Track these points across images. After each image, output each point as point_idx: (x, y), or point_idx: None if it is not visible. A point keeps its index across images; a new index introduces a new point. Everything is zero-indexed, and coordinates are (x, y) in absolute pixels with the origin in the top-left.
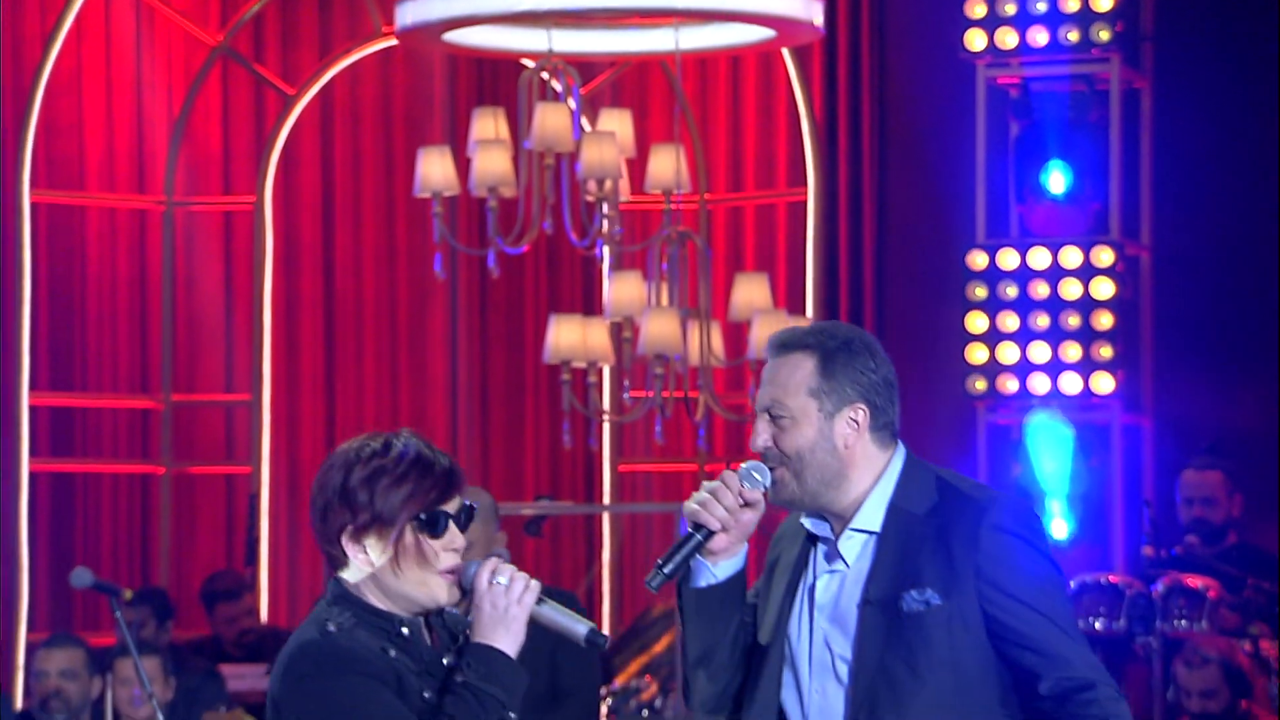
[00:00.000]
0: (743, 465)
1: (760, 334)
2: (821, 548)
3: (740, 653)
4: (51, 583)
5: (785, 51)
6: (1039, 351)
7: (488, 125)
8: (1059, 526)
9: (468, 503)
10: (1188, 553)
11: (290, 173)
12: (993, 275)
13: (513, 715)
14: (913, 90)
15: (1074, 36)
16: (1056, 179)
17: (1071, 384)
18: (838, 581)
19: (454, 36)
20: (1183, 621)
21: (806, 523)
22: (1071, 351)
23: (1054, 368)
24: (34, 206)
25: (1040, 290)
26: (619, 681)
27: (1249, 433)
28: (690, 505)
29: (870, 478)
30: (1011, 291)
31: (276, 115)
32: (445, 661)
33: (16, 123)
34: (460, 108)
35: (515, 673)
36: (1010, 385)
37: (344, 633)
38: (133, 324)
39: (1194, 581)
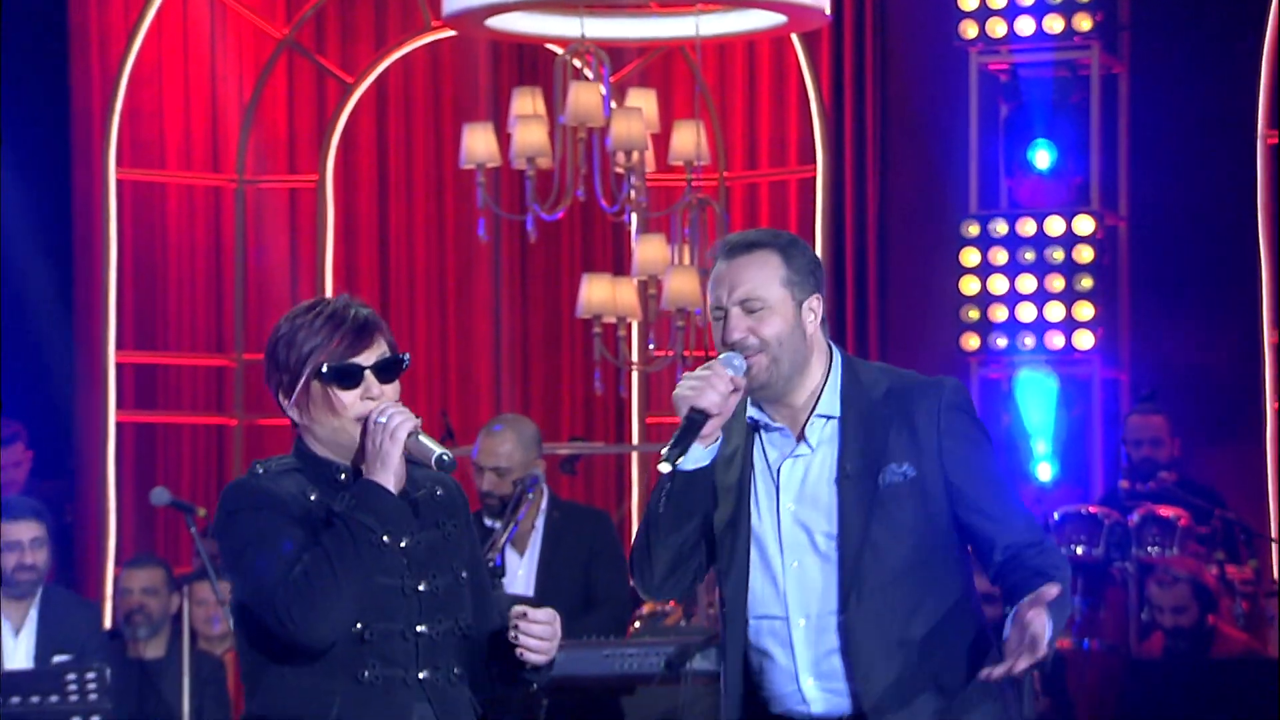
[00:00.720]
0: (721, 356)
1: None
2: (775, 437)
3: (702, 539)
4: (136, 520)
5: (796, 41)
6: (1026, 311)
7: (526, 103)
8: (1044, 469)
9: (392, 355)
10: (1160, 485)
11: (349, 153)
12: (984, 242)
13: (385, 538)
14: (911, 75)
15: (1058, 26)
16: (1042, 156)
17: (1055, 340)
18: (803, 465)
19: (496, 22)
20: (1155, 548)
21: (758, 415)
22: (1055, 311)
23: (1039, 326)
24: (120, 184)
25: (1027, 256)
26: (646, 609)
27: (1219, 382)
28: (684, 391)
29: (823, 366)
30: (1001, 257)
31: (336, 101)
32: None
33: (104, 108)
34: (502, 89)
35: (386, 500)
36: (1000, 342)
37: (269, 475)
38: (208, 289)
39: (1166, 512)
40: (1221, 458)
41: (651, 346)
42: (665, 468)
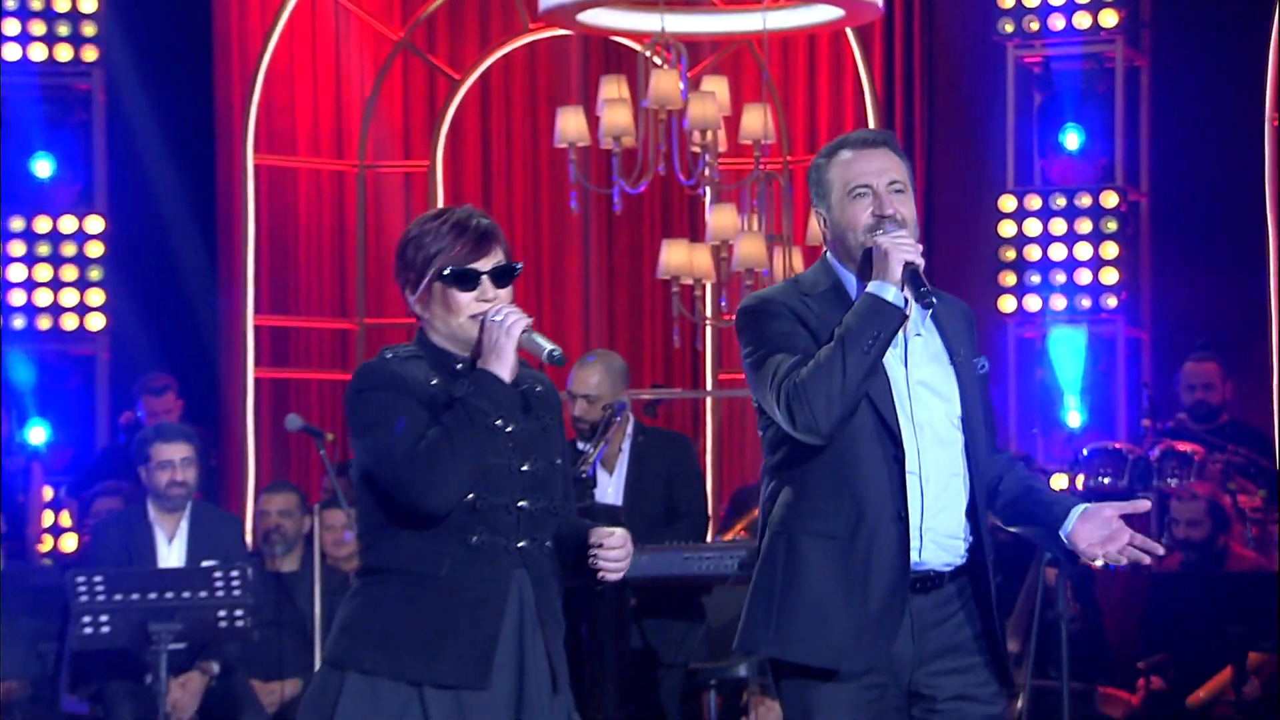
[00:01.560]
0: (881, 230)
1: None
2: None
3: None
4: (272, 460)
5: (851, 37)
6: (1057, 276)
7: (613, 89)
8: (1074, 417)
9: (507, 263)
10: (1179, 425)
11: (456, 141)
12: (1020, 215)
13: (498, 422)
14: (955, 68)
15: (1086, 23)
16: (1071, 138)
17: (1084, 302)
18: (922, 343)
19: (586, 17)
20: (1174, 479)
21: (893, 295)
22: (1083, 276)
23: (1069, 289)
24: (257, 169)
25: (1058, 227)
26: (725, 539)
27: (1229, 340)
28: (897, 246)
29: None
30: (1035, 229)
31: (445, 95)
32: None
33: (243, 102)
34: (591, 79)
35: (501, 388)
36: (1034, 304)
37: (397, 360)
38: (333, 262)
39: (1184, 447)
40: (1231, 404)
41: (724, 304)
42: (888, 293)
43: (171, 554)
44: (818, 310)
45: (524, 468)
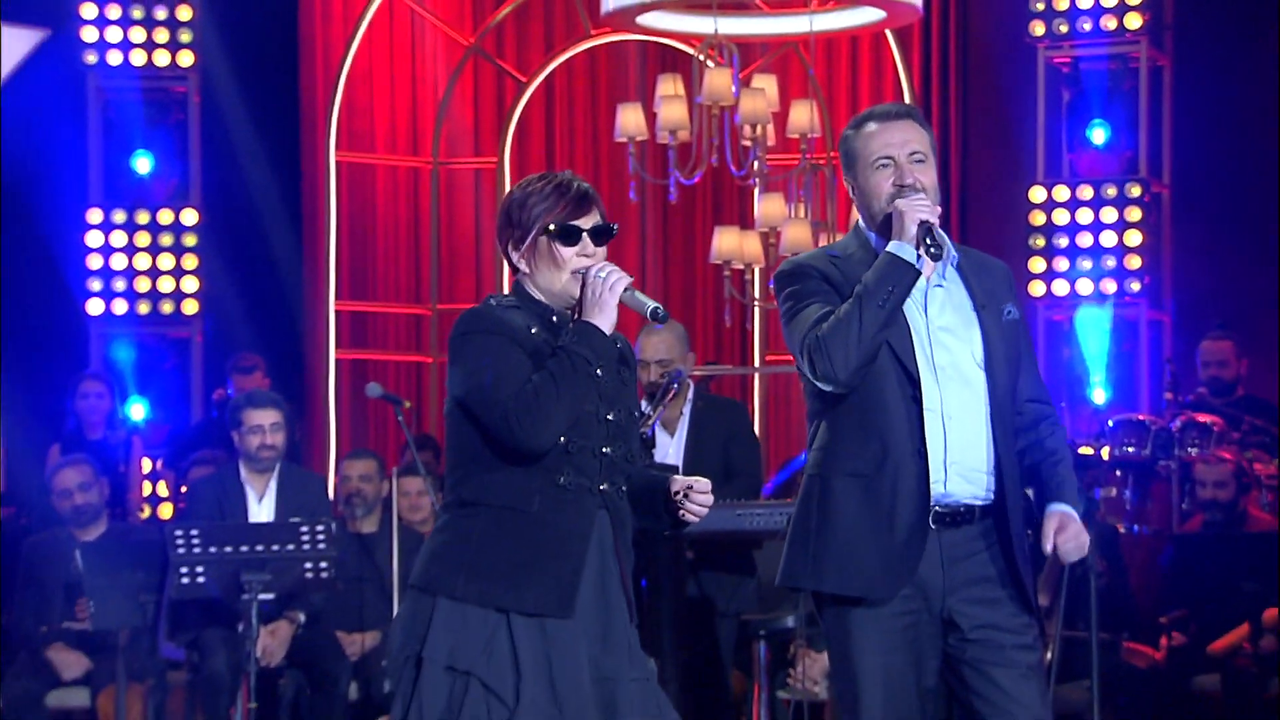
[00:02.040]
0: (903, 196)
1: None
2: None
3: None
4: (352, 435)
5: (891, 39)
6: (1084, 262)
7: (669, 86)
8: (1099, 393)
9: (604, 223)
10: (1199, 399)
11: (522, 139)
12: (1049, 205)
13: (599, 371)
14: (988, 67)
15: (1112, 25)
16: (1098, 133)
17: (1108, 287)
18: (943, 294)
19: (644, 20)
20: (1194, 449)
21: (909, 254)
22: (1109, 262)
23: (1095, 274)
24: (338, 165)
25: (1085, 216)
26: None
27: (1245, 321)
28: (913, 206)
29: None
30: (1063, 218)
31: (513, 96)
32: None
33: (326, 103)
34: (648, 79)
35: (603, 340)
36: (1062, 289)
37: (500, 307)
38: (409, 251)
39: (1203, 418)
40: (1246, 380)
41: (772, 287)
42: (904, 252)
43: (261, 512)
44: (846, 271)
45: (609, 416)
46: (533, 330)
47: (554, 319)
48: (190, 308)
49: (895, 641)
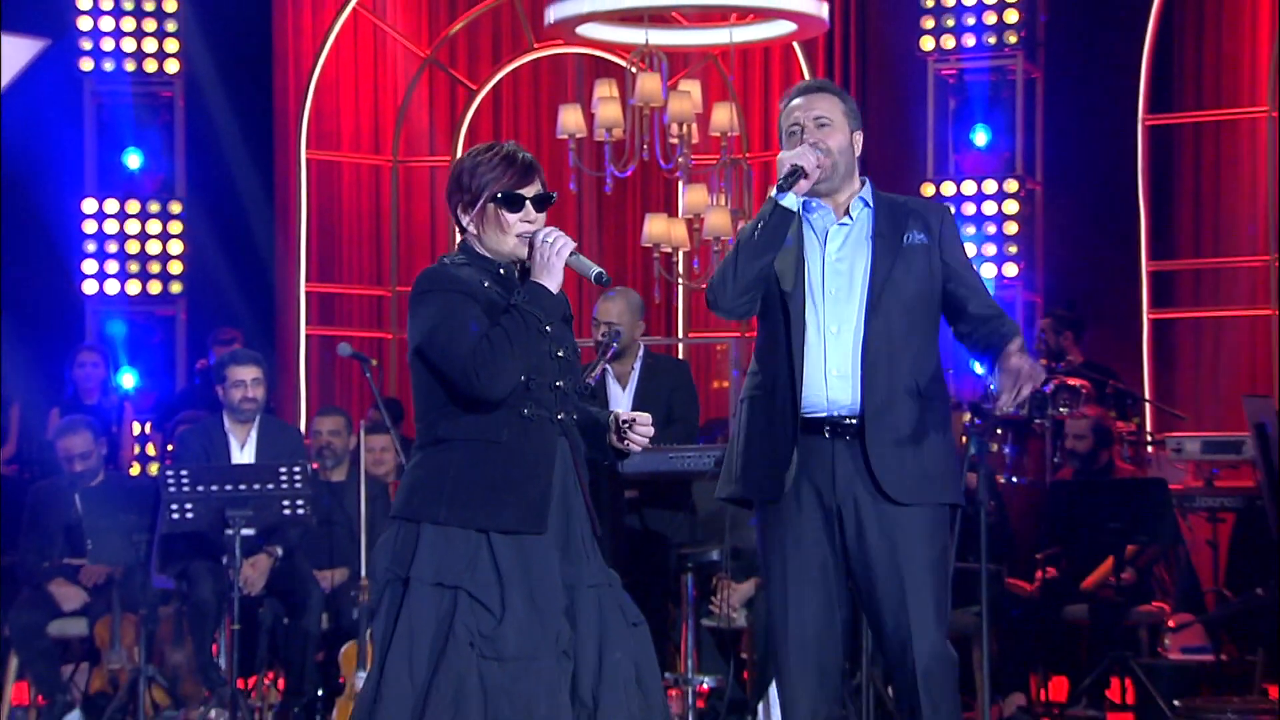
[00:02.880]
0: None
1: None
2: (818, 218)
3: (764, 281)
4: (320, 398)
5: (799, 50)
6: (967, 249)
7: (605, 89)
8: (978, 365)
9: (545, 191)
10: (1070, 365)
11: (473, 140)
12: (938, 199)
13: (549, 327)
14: (885, 77)
15: (992, 41)
16: (980, 136)
17: (988, 272)
18: (844, 231)
19: (584, 31)
20: (1064, 409)
21: (813, 203)
22: (989, 250)
23: (978, 261)
24: (308, 162)
25: (969, 209)
26: None
27: (1108, 301)
28: (787, 156)
29: (858, 181)
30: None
31: (465, 102)
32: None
33: (297, 107)
34: (586, 82)
35: (552, 299)
36: None
37: (454, 265)
38: (371, 239)
39: (1074, 382)
40: (1111, 351)
41: (696, 266)
42: (773, 192)
43: (243, 458)
44: None
45: (559, 354)
46: (485, 285)
47: (501, 272)
48: (175, 288)
49: (798, 533)
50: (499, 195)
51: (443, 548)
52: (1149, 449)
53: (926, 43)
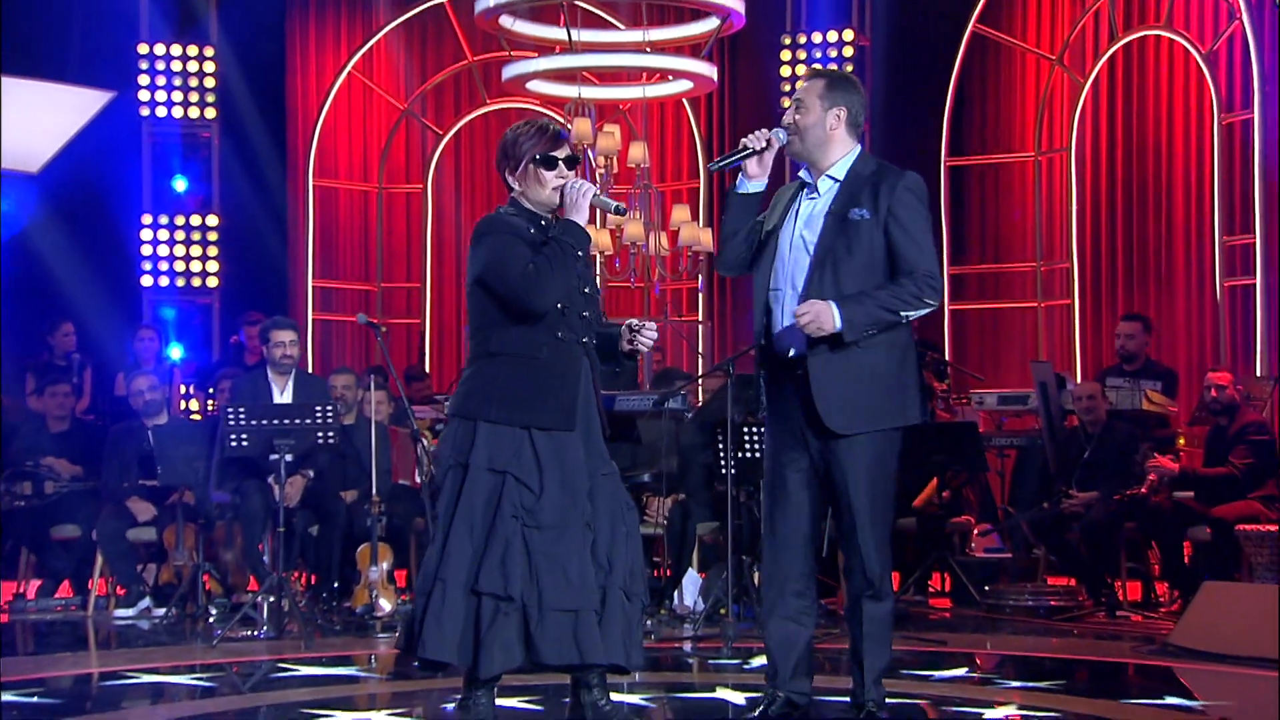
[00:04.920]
0: (775, 130)
1: (685, 235)
2: (807, 189)
3: (751, 241)
4: (323, 370)
5: (687, 105)
6: None
7: None
8: None
9: (573, 154)
10: None
11: (440, 174)
12: None
13: (580, 253)
14: (751, 127)
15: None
16: None
17: None
18: (812, 204)
19: (531, 86)
20: None
21: (803, 173)
22: None
23: None
24: (314, 188)
25: None
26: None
27: None
28: (744, 139)
29: (843, 152)
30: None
31: (434, 143)
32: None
33: (306, 145)
34: None
35: (581, 232)
36: None
37: (507, 215)
38: (361, 247)
39: None
40: (927, 331)
41: (618, 264)
42: (712, 166)
43: (283, 400)
44: (779, 198)
45: (585, 290)
46: (530, 230)
47: (542, 222)
48: (212, 283)
49: (775, 446)
50: (536, 157)
51: (494, 440)
52: (956, 402)
53: (785, 102)
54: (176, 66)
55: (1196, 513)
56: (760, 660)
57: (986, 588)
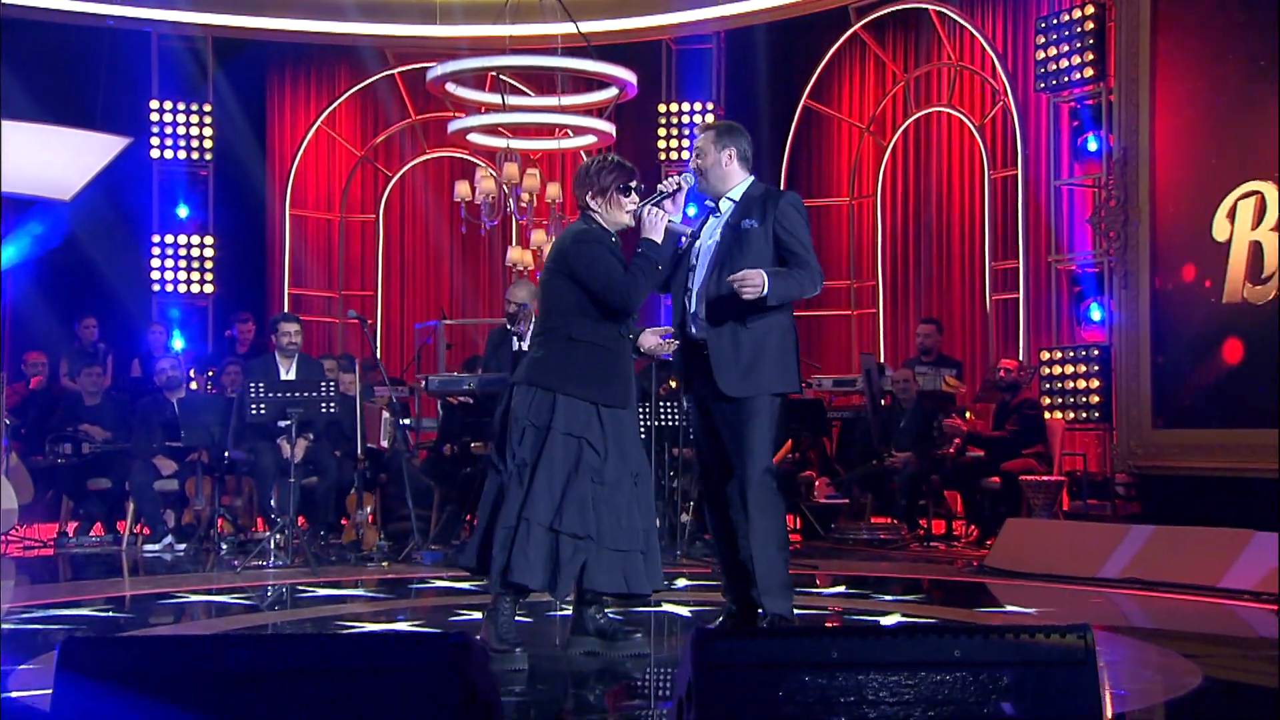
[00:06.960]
0: (683, 174)
1: None
2: (713, 212)
3: (670, 264)
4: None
5: (588, 152)
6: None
7: (484, 173)
8: None
9: (640, 184)
10: None
11: (389, 206)
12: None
13: (659, 265)
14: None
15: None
16: None
17: None
18: (715, 221)
19: (470, 137)
20: None
21: (709, 202)
22: None
23: None
24: (291, 216)
25: None
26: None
27: None
28: (660, 184)
29: (737, 180)
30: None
31: (385, 183)
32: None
33: (283, 182)
34: (469, 169)
35: (660, 249)
36: None
37: (598, 230)
38: (327, 265)
39: None
40: None
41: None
42: (635, 200)
43: (288, 379)
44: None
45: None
46: (612, 242)
47: (614, 239)
48: (208, 289)
49: (694, 416)
50: (620, 186)
51: (570, 411)
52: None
53: (662, 154)
54: (181, 119)
55: (987, 467)
56: (683, 582)
57: (832, 525)
